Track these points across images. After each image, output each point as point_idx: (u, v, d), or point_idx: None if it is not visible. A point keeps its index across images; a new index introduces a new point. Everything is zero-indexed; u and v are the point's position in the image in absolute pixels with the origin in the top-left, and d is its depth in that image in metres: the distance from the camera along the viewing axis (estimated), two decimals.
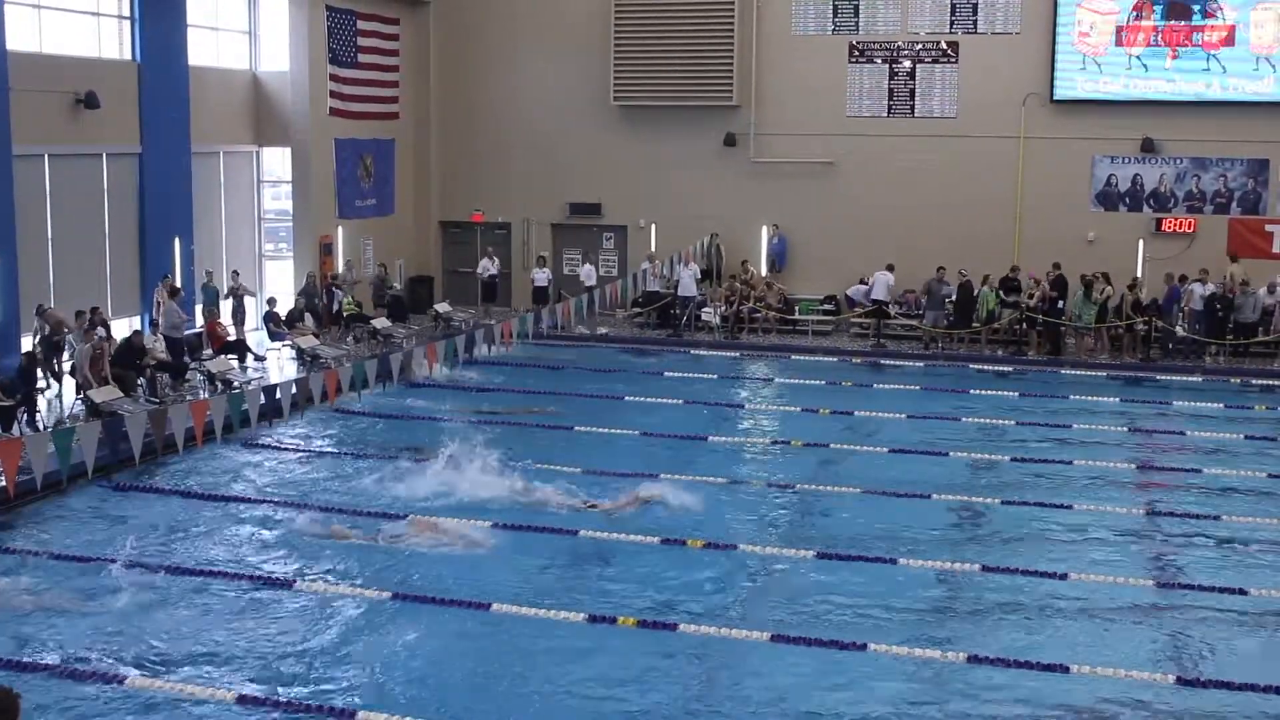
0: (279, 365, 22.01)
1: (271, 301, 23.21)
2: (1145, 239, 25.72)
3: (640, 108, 27.63)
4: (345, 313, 24.28)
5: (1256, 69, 24.91)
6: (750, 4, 26.94)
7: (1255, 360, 23.64)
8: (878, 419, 19.45)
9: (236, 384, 18.99)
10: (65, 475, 14.42)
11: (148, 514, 14.36)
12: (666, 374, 22.72)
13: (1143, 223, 25.88)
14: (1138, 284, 24.30)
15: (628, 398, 20.59)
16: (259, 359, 21.83)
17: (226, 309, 22.66)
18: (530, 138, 28.39)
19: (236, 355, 21.08)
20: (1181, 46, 25.19)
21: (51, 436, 14.02)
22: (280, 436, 17.82)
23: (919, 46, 26.49)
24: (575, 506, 14.55)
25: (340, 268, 25.50)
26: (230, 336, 21.84)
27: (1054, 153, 25.91)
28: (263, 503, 14.84)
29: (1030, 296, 24.38)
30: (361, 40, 26.55)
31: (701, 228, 27.28)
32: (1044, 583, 12.44)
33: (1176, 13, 25.16)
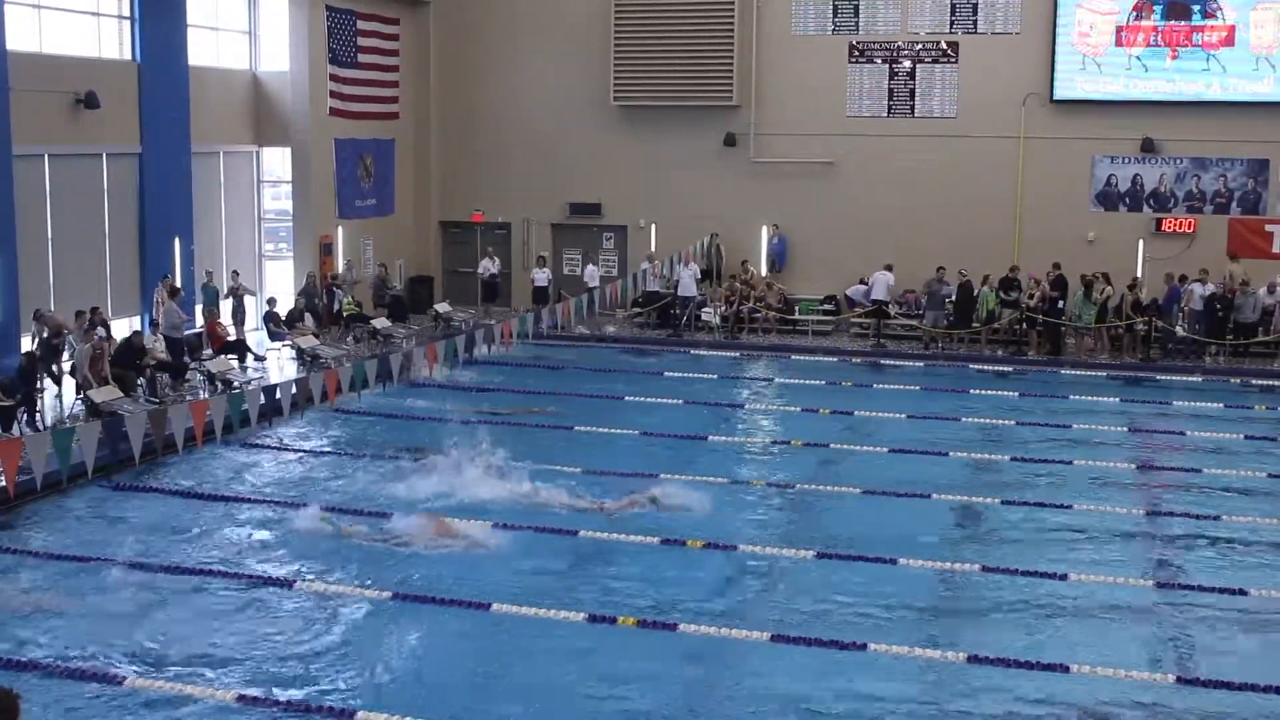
0: (279, 365, 22.00)
1: (271, 301, 23.21)
2: (1145, 239, 25.72)
3: (640, 108, 27.62)
4: (345, 313, 24.28)
5: (1256, 69, 24.91)
6: (750, 4, 26.93)
7: (1255, 360, 23.64)
8: (878, 419, 19.45)
9: (236, 384, 18.99)
10: (65, 475, 14.43)
11: (148, 514, 14.37)
12: (666, 374, 22.72)
13: (1143, 223, 25.88)
14: (1138, 284, 24.30)
15: (628, 398, 20.59)
16: (259, 359, 21.83)
17: (226, 309, 22.66)
18: (530, 138, 28.39)
19: (236, 355, 21.08)
20: (1181, 47, 25.19)
21: (51, 436, 14.03)
22: (280, 436, 17.82)
23: (919, 46, 26.49)
24: (576, 506, 14.56)
25: (340, 268, 25.50)
26: (230, 336, 21.84)
27: (1054, 153, 25.90)
28: (263, 503, 14.84)
29: (1030, 296, 24.38)
30: (361, 40, 26.55)
31: (701, 228, 27.28)
32: (1044, 583, 12.44)
33: (1176, 13, 25.15)
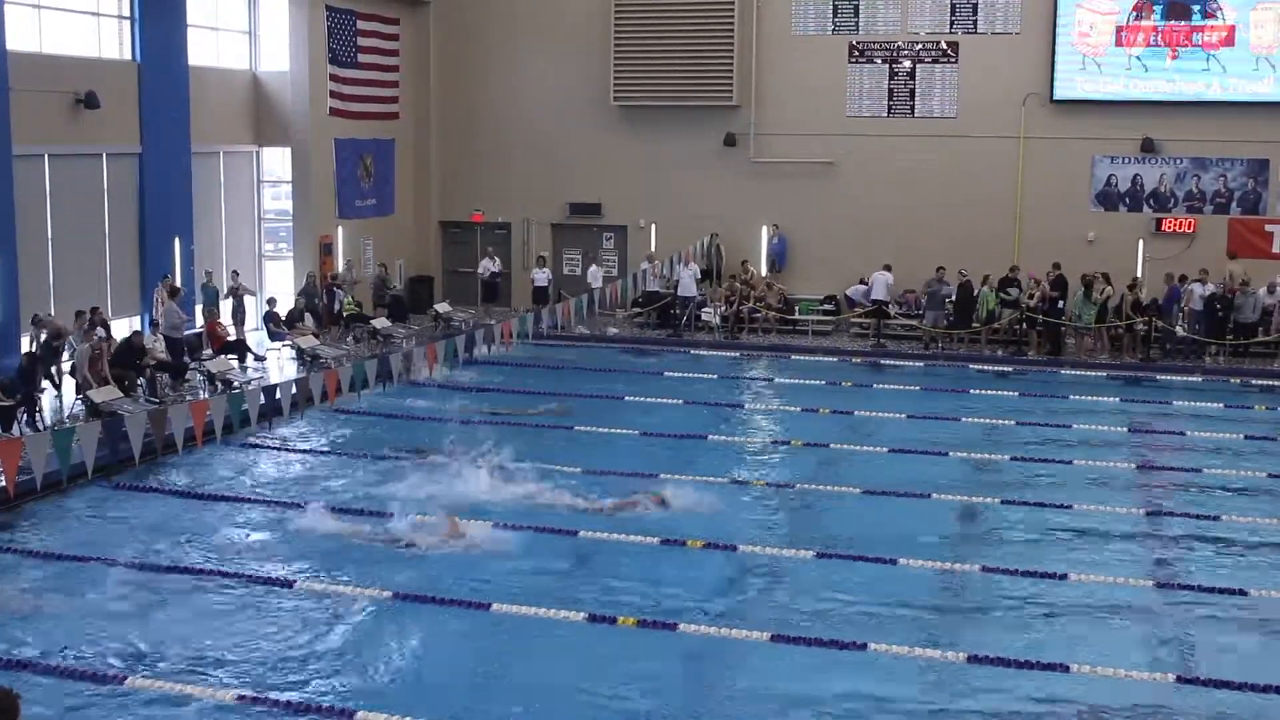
0: (279, 365, 22.00)
1: (271, 301, 23.21)
2: (1145, 239, 25.72)
3: (640, 108, 27.62)
4: (345, 313, 24.28)
5: (1256, 69, 24.91)
6: (750, 4, 26.93)
7: (1255, 360, 23.64)
8: (878, 419, 19.44)
9: (236, 384, 18.99)
10: (65, 475, 14.42)
11: (148, 514, 14.36)
12: (666, 374, 22.71)
13: (1143, 223, 25.88)
14: (1138, 284, 24.30)
15: (628, 398, 20.59)
16: (259, 359, 21.83)
17: (226, 309, 22.66)
18: (530, 138, 28.39)
19: (236, 355, 21.08)
20: (1181, 47, 25.19)
21: (51, 436, 14.03)
22: (280, 436, 17.82)
23: (919, 46, 26.49)
24: (576, 506, 14.55)
25: (340, 268, 25.50)
26: (230, 336, 21.84)
27: (1054, 153, 25.90)
28: (263, 503, 14.83)
29: (1030, 296, 24.38)
30: (361, 40, 26.55)
31: (701, 228, 27.28)
32: (1044, 583, 12.44)
33: (1176, 13, 25.16)
